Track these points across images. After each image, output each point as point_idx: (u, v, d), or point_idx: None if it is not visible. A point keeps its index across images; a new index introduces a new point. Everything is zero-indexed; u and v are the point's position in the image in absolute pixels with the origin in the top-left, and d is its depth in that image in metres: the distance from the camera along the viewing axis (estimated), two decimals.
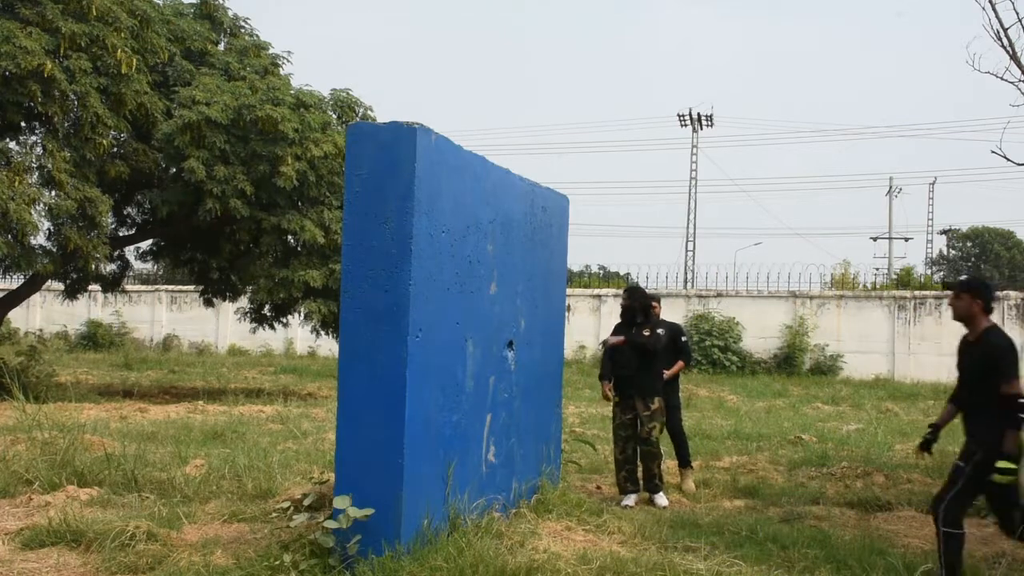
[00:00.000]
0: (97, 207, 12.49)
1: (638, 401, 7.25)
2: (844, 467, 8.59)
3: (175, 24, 14.69)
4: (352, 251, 4.48)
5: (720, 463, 9.11)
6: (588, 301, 26.31)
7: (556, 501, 5.79)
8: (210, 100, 13.28)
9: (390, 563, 4.18)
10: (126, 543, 4.80)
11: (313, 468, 7.19)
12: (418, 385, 4.45)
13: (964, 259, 55.29)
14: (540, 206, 6.19)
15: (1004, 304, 22.48)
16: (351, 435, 4.42)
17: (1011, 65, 6.89)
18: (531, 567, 4.28)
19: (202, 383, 17.07)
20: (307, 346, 27.35)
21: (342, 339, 4.50)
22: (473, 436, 5.12)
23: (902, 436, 11.56)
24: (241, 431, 9.96)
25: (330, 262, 14.08)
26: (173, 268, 20.19)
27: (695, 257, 36.73)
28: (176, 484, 6.28)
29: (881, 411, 15.13)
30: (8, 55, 11.44)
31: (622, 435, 7.29)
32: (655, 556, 4.70)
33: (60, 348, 25.55)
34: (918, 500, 7.07)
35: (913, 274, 29.07)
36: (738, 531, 5.82)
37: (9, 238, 11.72)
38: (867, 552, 5.33)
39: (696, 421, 12.25)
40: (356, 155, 4.52)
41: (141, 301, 29.63)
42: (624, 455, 7.24)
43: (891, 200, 45.84)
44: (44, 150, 12.31)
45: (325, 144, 13.88)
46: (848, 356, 23.35)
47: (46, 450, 6.74)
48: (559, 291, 6.73)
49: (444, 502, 4.74)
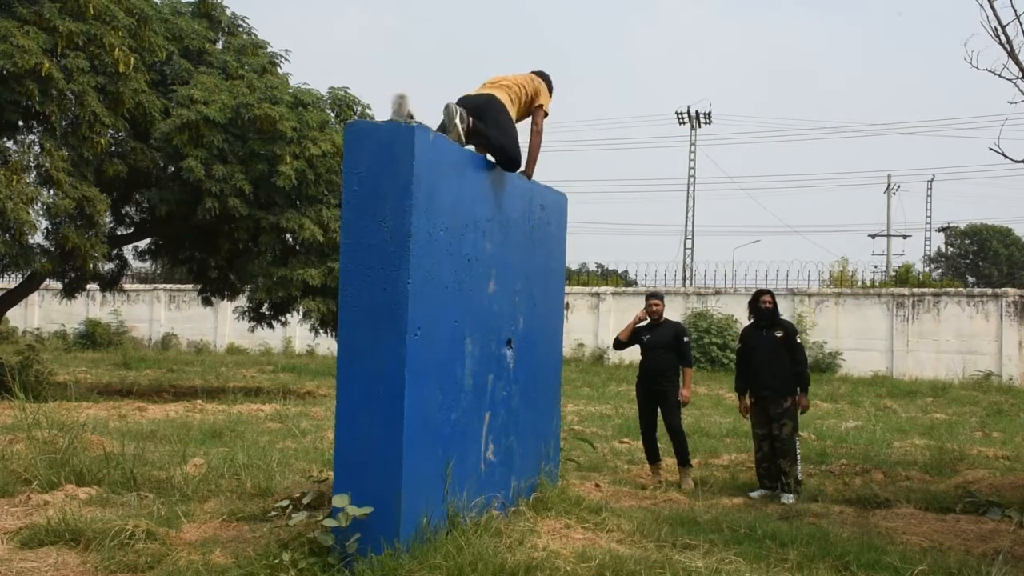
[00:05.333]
0: (95, 206, 12.48)
1: (770, 401, 7.55)
2: (843, 464, 8.61)
3: (173, 23, 14.67)
4: (350, 249, 4.48)
5: (719, 461, 9.12)
6: (587, 299, 26.31)
7: (555, 499, 5.79)
8: (208, 99, 13.27)
9: (389, 561, 4.19)
10: (125, 542, 4.80)
11: (312, 467, 7.20)
12: (417, 383, 4.45)
13: (962, 256, 55.31)
14: (538, 204, 6.19)
15: (1002, 301, 22.50)
16: (350, 433, 4.42)
17: (1009, 62, 6.88)
18: (530, 565, 4.28)
19: (201, 382, 17.05)
20: (306, 345, 27.36)
21: (341, 337, 4.50)
22: (472, 434, 5.12)
23: (901, 433, 11.58)
24: (240, 430, 9.96)
25: (329, 261, 14.08)
26: (172, 267, 20.16)
27: (693, 255, 36.82)
28: (175, 483, 6.28)
29: (880, 408, 15.16)
30: (5, 54, 11.42)
31: (758, 433, 7.65)
32: (654, 554, 4.71)
33: (58, 347, 25.53)
34: (917, 497, 7.09)
35: (912, 271, 29.12)
36: (737, 528, 5.82)
37: (7, 237, 11.70)
38: (866, 549, 5.34)
39: (695, 419, 12.26)
40: (354, 153, 4.51)
41: (140, 300, 29.61)
42: (761, 452, 7.61)
43: (889, 197, 45.91)
44: (42, 149, 12.29)
45: (323, 143, 13.88)
46: (847, 353, 23.36)
47: (45, 449, 6.73)
48: (558, 289, 6.73)
49: (443, 500, 4.74)
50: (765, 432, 7.55)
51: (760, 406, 7.62)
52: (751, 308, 7.92)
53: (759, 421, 7.63)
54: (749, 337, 7.86)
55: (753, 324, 7.85)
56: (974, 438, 11.44)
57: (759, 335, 7.76)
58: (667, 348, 7.95)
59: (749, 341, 7.83)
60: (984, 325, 22.66)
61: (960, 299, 23.13)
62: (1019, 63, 6.79)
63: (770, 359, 7.58)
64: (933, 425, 12.73)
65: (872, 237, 47.48)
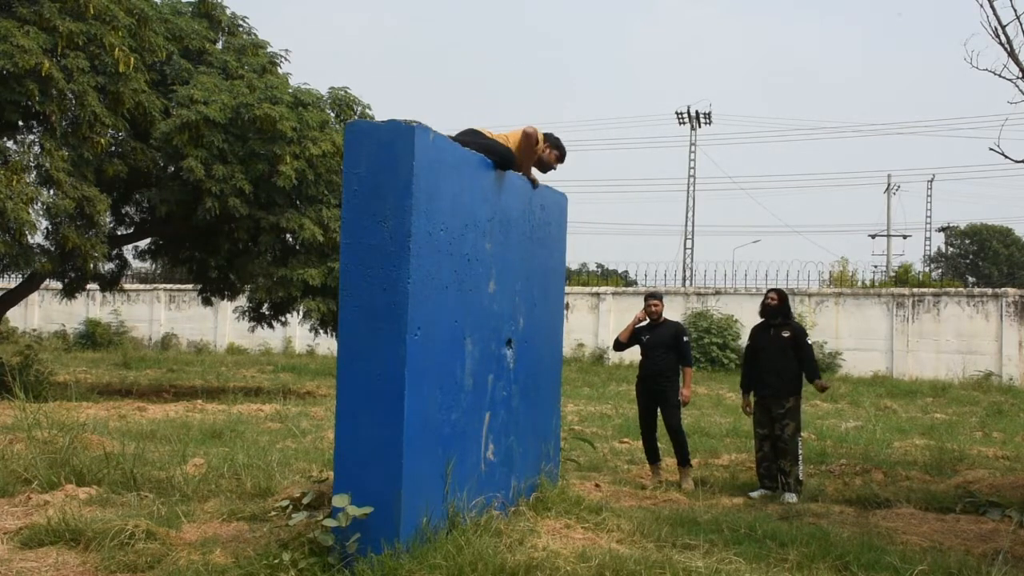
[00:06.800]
0: (95, 206, 12.47)
1: (772, 401, 7.54)
2: (843, 464, 8.61)
3: (173, 23, 14.67)
4: (350, 249, 4.48)
5: (719, 461, 9.12)
6: (587, 299, 26.31)
7: (555, 499, 5.79)
8: (208, 99, 13.27)
9: (389, 561, 4.19)
10: (125, 542, 4.79)
11: (312, 466, 7.20)
12: (417, 383, 4.45)
13: (962, 256, 55.30)
14: (538, 204, 6.19)
15: (1002, 301, 22.50)
16: (350, 433, 4.42)
17: (1009, 62, 6.88)
18: (530, 565, 4.28)
19: (201, 382, 17.05)
20: (306, 344, 27.35)
21: (341, 338, 4.50)
22: (472, 434, 5.12)
23: (901, 433, 11.58)
24: (240, 430, 9.96)
25: (329, 260, 14.08)
26: (172, 267, 20.17)
27: (694, 255, 36.83)
28: (175, 483, 6.28)
29: (880, 408, 15.15)
30: (6, 54, 11.42)
31: (759, 433, 7.64)
32: (654, 554, 4.70)
33: (58, 347, 25.52)
34: (917, 497, 7.09)
35: (911, 271, 29.11)
36: (737, 529, 5.81)
37: (7, 237, 11.70)
38: (866, 549, 5.33)
39: (695, 419, 12.26)
40: (354, 153, 4.51)
41: (140, 300, 29.60)
42: (761, 452, 7.61)
43: (889, 197, 45.93)
44: (42, 149, 12.29)
45: (323, 143, 13.88)
46: (847, 353, 23.36)
47: (45, 449, 6.73)
48: (558, 289, 6.73)
49: (443, 500, 4.74)
50: (767, 432, 7.55)
51: (762, 406, 7.62)
52: (760, 306, 7.93)
53: (761, 421, 7.63)
54: (757, 336, 7.86)
55: (762, 323, 7.86)
56: (974, 438, 11.44)
57: (767, 334, 7.77)
58: (667, 348, 7.95)
59: (757, 340, 7.84)
60: (984, 325, 22.66)
61: (960, 299, 23.13)
62: (1019, 63, 6.79)
63: (775, 359, 7.58)
64: (933, 425, 12.73)
65: (872, 237, 47.54)
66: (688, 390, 7.98)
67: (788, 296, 8.03)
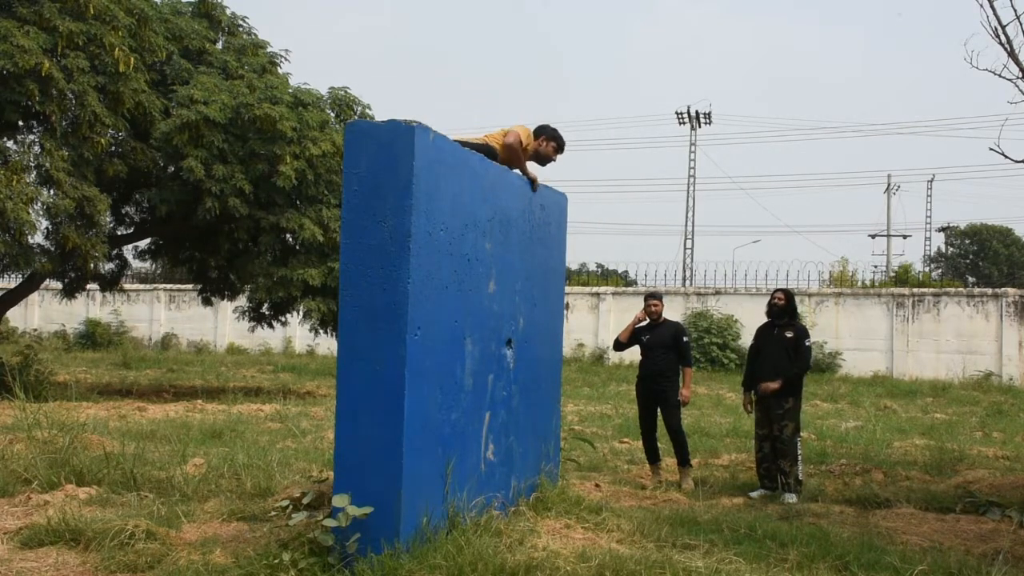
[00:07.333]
0: (95, 206, 12.48)
1: (771, 401, 7.54)
2: (843, 464, 8.60)
3: (173, 22, 14.67)
4: (350, 249, 4.48)
5: (719, 461, 9.12)
6: (587, 299, 26.31)
7: (555, 499, 5.79)
8: (208, 99, 13.27)
9: (389, 561, 4.18)
10: (125, 542, 4.79)
11: (312, 467, 7.20)
12: (417, 383, 4.45)
13: (962, 256, 55.30)
14: (538, 204, 6.18)
15: (1002, 301, 22.50)
16: (350, 433, 4.42)
17: (1009, 62, 6.87)
18: (530, 565, 4.28)
19: (201, 382, 17.05)
20: (306, 344, 27.36)
21: (341, 338, 4.50)
22: (472, 434, 5.12)
23: (901, 433, 11.58)
24: (240, 430, 9.96)
25: (329, 260, 14.08)
26: (172, 267, 20.17)
27: (693, 255, 36.82)
28: (175, 483, 6.28)
29: (880, 408, 15.16)
30: (6, 54, 11.42)
31: (759, 433, 7.64)
32: (654, 554, 4.70)
33: (58, 347, 25.52)
34: (917, 497, 7.08)
35: (911, 271, 29.11)
36: (737, 529, 5.82)
37: (7, 237, 11.70)
38: (866, 549, 5.34)
39: (695, 419, 12.26)
40: (354, 153, 4.51)
41: (140, 300, 29.61)
42: (761, 452, 7.60)
43: (889, 197, 45.93)
44: (42, 149, 12.29)
45: (323, 143, 13.88)
46: (847, 353, 23.36)
47: (45, 449, 6.73)
48: (558, 289, 6.73)
49: (443, 500, 4.74)
50: (766, 432, 7.55)
51: (762, 406, 7.63)
52: (767, 306, 7.94)
53: (761, 421, 7.63)
54: (761, 335, 7.88)
55: (767, 323, 7.88)
56: (974, 438, 11.44)
57: (770, 334, 7.78)
58: (667, 348, 7.95)
59: (760, 339, 7.85)
60: (984, 325, 22.66)
61: (960, 299, 23.13)
62: (1019, 63, 6.79)
63: (775, 359, 7.59)
64: (933, 425, 12.73)
65: (872, 237, 47.54)
66: (688, 390, 7.99)
67: (795, 296, 8.02)
